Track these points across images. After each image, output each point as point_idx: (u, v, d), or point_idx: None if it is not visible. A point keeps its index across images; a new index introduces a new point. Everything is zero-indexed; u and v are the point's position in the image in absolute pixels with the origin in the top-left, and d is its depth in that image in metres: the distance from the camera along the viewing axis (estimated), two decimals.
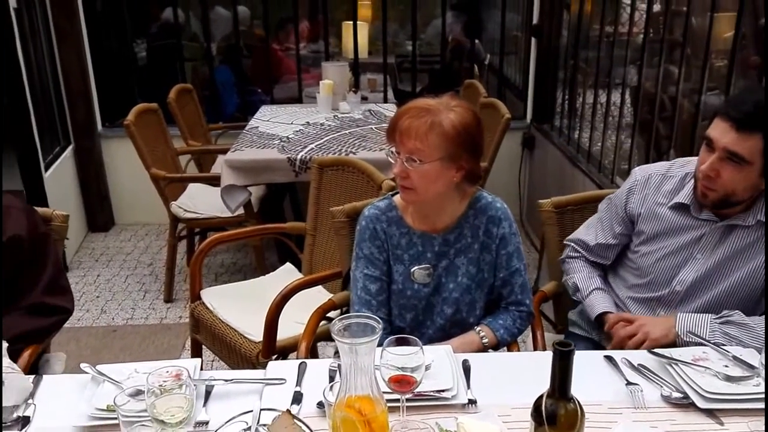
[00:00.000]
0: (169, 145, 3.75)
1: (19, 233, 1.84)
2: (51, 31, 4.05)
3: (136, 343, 3.29)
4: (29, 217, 1.91)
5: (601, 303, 1.85)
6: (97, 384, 1.52)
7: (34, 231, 1.89)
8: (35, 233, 1.89)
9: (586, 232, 1.95)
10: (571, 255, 1.97)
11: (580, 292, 1.90)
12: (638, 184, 1.83)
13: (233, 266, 4.09)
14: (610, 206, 1.91)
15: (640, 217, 1.81)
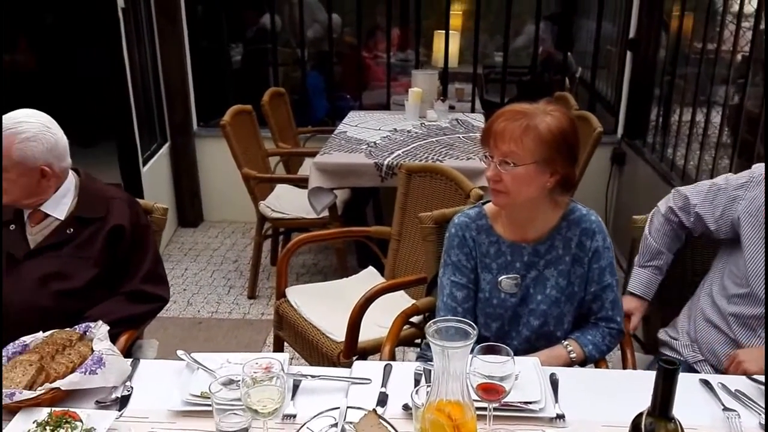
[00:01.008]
0: (261, 146, 3.88)
1: (122, 223, 1.94)
2: (154, 33, 4.27)
3: (219, 335, 3.40)
4: (132, 208, 2.02)
5: (640, 282, 1.95)
6: (191, 371, 1.58)
7: (136, 222, 1.99)
8: (137, 224, 2.00)
9: (695, 193, 1.90)
10: (669, 216, 1.93)
11: (640, 255, 1.94)
12: (753, 181, 1.76)
13: (314, 267, 4.16)
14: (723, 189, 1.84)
15: (746, 218, 1.73)
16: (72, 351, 1.55)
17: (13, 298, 1.86)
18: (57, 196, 1.92)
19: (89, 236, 1.92)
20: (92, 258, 1.91)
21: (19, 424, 1.36)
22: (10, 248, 1.91)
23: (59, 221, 1.92)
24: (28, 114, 1.86)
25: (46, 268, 1.88)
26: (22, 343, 1.58)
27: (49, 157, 1.85)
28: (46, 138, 1.84)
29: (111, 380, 1.51)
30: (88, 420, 1.36)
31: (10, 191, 1.84)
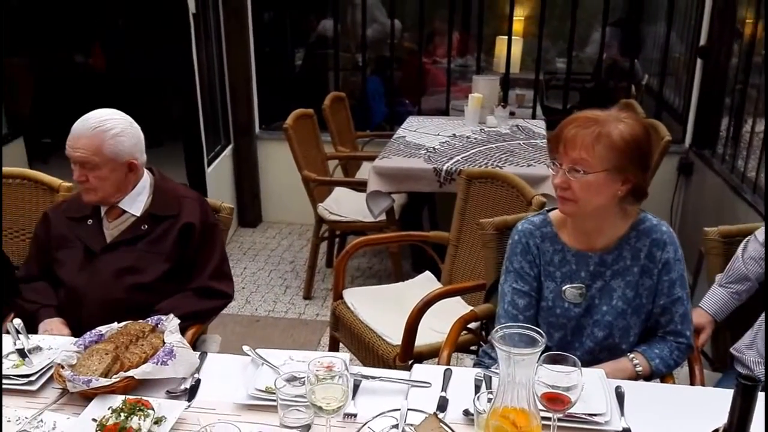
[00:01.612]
0: (320, 150, 3.94)
1: (193, 221, 2.01)
2: (222, 36, 4.39)
3: (275, 334, 3.46)
4: (202, 207, 2.09)
5: (715, 301, 1.92)
6: (256, 366, 1.62)
7: (206, 220, 2.06)
8: (206, 222, 2.06)
9: None
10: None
11: (724, 275, 1.92)
12: None
13: (369, 270, 4.19)
14: None
15: None
16: (145, 342, 1.61)
17: (90, 289, 1.95)
18: (134, 193, 2.01)
19: (162, 233, 1.99)
20: (164, 253, 1.98)
21: (95, 409, 1.42)
22: (88, 242, 1.99)
23: (135, 217, 2.00)
24: (108, 112, 1.95)
25: (120, 262, 1.96)
26: (98, 332, 1.65)
27: (135, 151, 1.96)
28: (133, 132, 1.95)
29: (181, 371, 1.56)
30: (159, 409, 1.41)
31: (102, 188, 1.94)
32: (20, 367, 1.57)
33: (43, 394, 1.52)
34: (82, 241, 2.00)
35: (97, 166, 1.90)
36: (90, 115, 1.94)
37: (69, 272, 1.99)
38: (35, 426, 1.38)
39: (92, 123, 1.90)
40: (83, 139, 1.89)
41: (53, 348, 1.66)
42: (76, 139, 1.90)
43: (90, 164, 1.90)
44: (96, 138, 1.89)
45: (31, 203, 2.52)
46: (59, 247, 2.03)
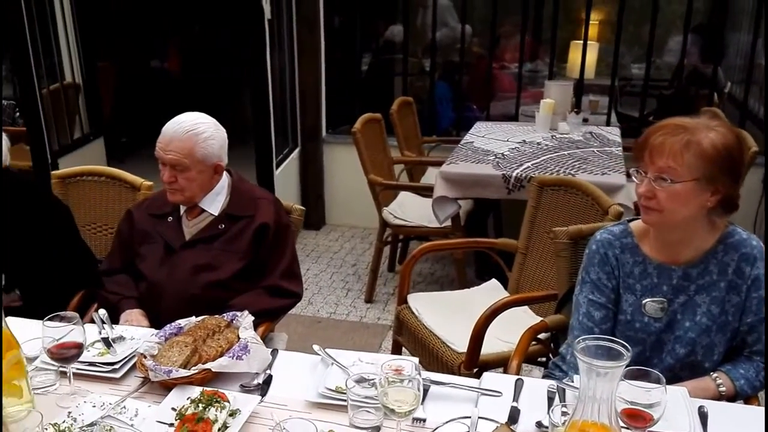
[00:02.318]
0: (387, 154, 3.95)
1: (267, 222, 2.06)
2: (294, 41, 4.48)
3: (337, 336, 3.49)
4: (276, 208, 2.13)
5: None
6: (325, 366, 1.64)
7: (279, 221, 2.10)
8: (279, 223, 2.10)
9: None
10: None
11: None
12: None
13: (431, 276, 4.18)
14: None
15: None
16: (221, 336, 1.65)
17: (169, 284, 2.01)
18: (213, 193, 2.07)
19: (238, 232, 2.05)
20: (239, 252, 2.03)
21: (175, 399, 1.47)
22: (169, 238, 2.07)
23: (213, 217, 2.07)
24: (199, 116, 2.03)
25: (198, 259, 2.03)
26: (177, 325, 1.70)
27: (221, 153, 2.04)
28: (220, 135, 2.03)
29: (254, 367, 1.60)
30: (234, 401, 1.45)
31: (189, 188, 2.01)
32: (105, 356, 1.64)
33: (126, 382, 1.59)
34: (162, 238, 2.08)
35: (187, 168, 1.97)
36: (182, 118, 2.00)
37: (150, 267, 2.07)
38: (118, 412, 1.44)
39: (185, 127, 1.97)
40: (176, 142, 1.96)
41: (135, 338, 1.72)
42: (168, 141, 1.97)
43: (180, 166, 1.97)
44: (189, 141, 1.96)
45: (114, 200, 2.63)
46: (141, 243, 2.11)
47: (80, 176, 2.66)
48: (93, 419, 1.40)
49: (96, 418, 1.40)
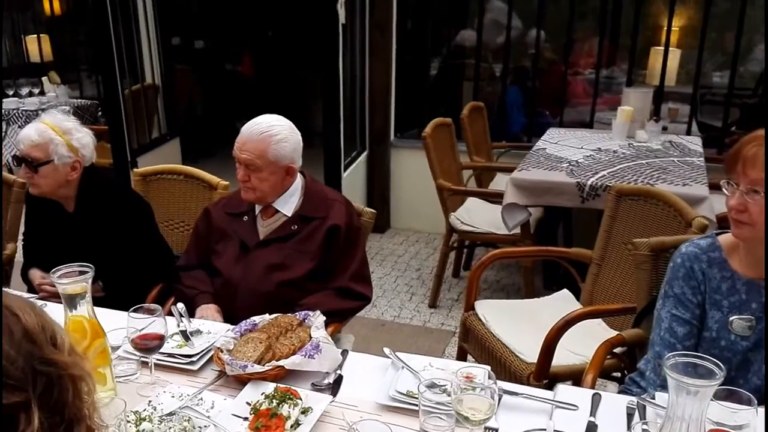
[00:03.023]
0: (456, 159, 3.93)
1: (339, 224, 2.07)
2: (366, 46, 4.52)
3: (400, 339, 3.49)
4: (348, 210, 2.15)
5: None
6: (396, 369, 1.63)
7: (350, 223, 2.12)
8: (351, 225, 2.12)
9: None
10: None
11: None
12: None
13: (496, 284, 4.12)
14: None
15: None
16: (293, 335, 1.68)
17: (243, 281, 2.06)
18: (287, 194, 2.11)
19: (310, 233, 2.08)
20: (311, 253, 2.06)
21: (249, 393, 1.50)
22: (244, 237, 2.12)
23: (286, 217, 2.10)
24: (275, 118, 2.07)
25: (271, 258, 2.06)
26: (252, 322, 1.74)
27: (294, 156, 2.06)
28: (294, 138, 2.06)
29: (325, 366, 1.61)
30: (306, 399, 1.46)
31: (261, 188, 2.05)
32: (183, 348, 1.69)
33: (202, 374, 1.63)
34: (238, 236, 2.13)
35: (259, 169, 2.02)
36: (259, 120, 2.06)
37: (225, 264, 2.12)
38: (195, 403, 1.48)
39: (260, 128, 2.02)
40: (251, 143, 2.01)
41: (212, 332, 1.77)
42: (244, 141, 2.02)
43: (253, 166, 2.01)
44: (262, 143, 2.00)
45: (192, 198, 2.72)
46: (218, 240, 2.17)
47: (160, 174, 2.76)
48: (172, 409, 1.44)
49: (174, 408, 1.44)
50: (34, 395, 0.82)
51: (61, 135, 2.19)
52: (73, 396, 0.86)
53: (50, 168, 2.17)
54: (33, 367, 0.83)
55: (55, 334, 0.88)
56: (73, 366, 0.87)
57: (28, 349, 0.83)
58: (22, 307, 0.86)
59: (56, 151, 2.17)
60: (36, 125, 2.21)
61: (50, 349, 0.86)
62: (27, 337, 0.84)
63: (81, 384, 0.88)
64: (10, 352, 0.82)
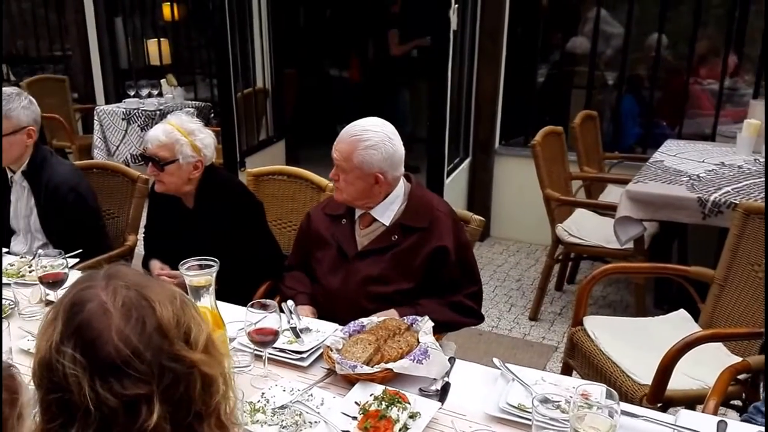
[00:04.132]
0: (565, 169, 3.82)
1: (445, 245, 2.00)
2: (475, 52, 4.48)
3: (499, 351, 3.41)
4: (455, 225, 2.07)
5: None
6: (506, 381, 1.59)
7: (458, 242, 2.05)
8: (460, 243, 2.05)
9: None
10: None
11: None
12: None
13: (602, 299, 3.96)
14: None
15: None
16: (401, 339, 1.67)
17: (340, 292, 2.05)
18: (386, 202, 2.05)
19: (411, 246, 2.01)
20: (410, 271, 2.00)
21: (358, 393, 1.51)
22: (343, 244, 2.08)
23: (384, 227, 2.05)
24: (374, 123, 2.02)
25: (368, 270, 2.02)
26: (360, 323, 1.75)
27: (384, 166, 1.98)
28: (386, 148, 1.97)
29: (433, 372, 1.60)
30: (414, 404, 1.45)
31: (346, 190, 2.03)
32: (293, 344, 1.73)
33: (311, 371, 1.66)
34: (337, 242, 2.10)
35: (345, 171, 1.99)
36: (358, 122, 2.03)
37: (323, 272, 2.12)
38: (306, 399, 1.50)
39: (354, 131, 1.99)
40: (341, 144, 2.00)
41: (320, 331, 1.80)
42: (338, 141, 2.02)
43: (341, 167, 2.00)
44: (350, 146, 1.97)
45: (300, 199, 2.79)
46: (317, 247, 2.16)
47: (271, 175, 2.85)
48: (284, 402, 1.47)
49: (286, 402, 1.47)
50: (158, 389, 0.84)
51: (185, 135, 2.30)
52: (202, 392, 0.87)
53: (175, 167, 2.29)
54: (160, 362, 0.85)
55: (190, 330, 0.89)
56: (204, 363, 0.88)
57: (158, 343, 0.85)
58: (162, 300, 0.88)
59: (181, 151, 2.27)
60: (163, 126, 2.33)
61: (181, 346, 0.87)
62: (159, 331, 0.86)
63: (212, 381, 0.88)
64: (139, 345, 0.84)
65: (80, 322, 0.85)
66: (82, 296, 0.88)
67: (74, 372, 0.82)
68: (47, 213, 2.54)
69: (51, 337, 0.85)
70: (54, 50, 7.09)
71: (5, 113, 2.41)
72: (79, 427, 0.83)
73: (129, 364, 0.83)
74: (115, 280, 0.89)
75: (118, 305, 0.86)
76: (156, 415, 0.83)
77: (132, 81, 5.96)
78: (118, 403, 0.82)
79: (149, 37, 6.31)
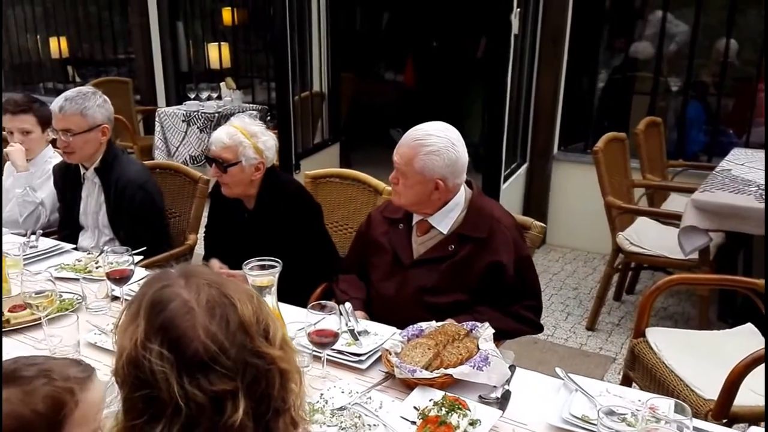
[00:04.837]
0: (627, 176, 3.72)
1: (504, 261, 1.94)
2: (535, 56, 4.41)
3: (554, 360, 3.34)
4: (515, 238, 2.01)
5: None
6: (568, 391, 1.56)
7: (518, 255, 1.99)
8: (520, 257, 1.99)
9: None
10: None
11: None
12: None
13: (663, 311, 3.83)
14: None
15: None
16: (460, 344, 1.66)
17: (394, 300, 2.03)
18: (445, 210, 2.01)
19: (468, 257, 1.96)
20: (467, 281, 1.96)
21: (417, 398, 1.50)
22: (399, 251, 2.06)
23: (442, 235, 2.00)
24: (439, 128, 1.97)
25: (424, 280, 1.99)
26: (419, 327, 1.74)
27: (445, 172, 1.94)
28: (449, 155, 1.92)
29: (494, 379, 1.57)
30: (474, 411, 1.44)
31: (404, 194, 2.00)
32: (351, 346, 1.73)
33: (369, 373, 1.66)
34: (393, 249, 2.07)
35: (405, 175, 1.96)
36: (421, 126, 1.98)
37: (378, 278, 2.11)
38: (365, 401, 1.50)
39: (416, 135, 1.95)
40: (403, 147, 1.97)
41: (378, 334, 1.80)
42: (400, 144, 1.99)
43: (401, 171, 1.97)
44: (412, 150, 1.93)
45: (356, 201, 2.80)
46: (373, 252, 2.15)
47: (329, 177, 2.87)
48: (342, 404, 1.48)
49: (345, 404, 1.47)
50: (242, 385, 0.86)
51: (248, 138, 2.33)
52: (280, 388, 0.89)
53: (237, 168, 2.32)
54: (244, 358, 0.87)
55: (268, 326, 0.91)
56: (281, 360, 0.90)
57: (241, 340, 0.87)
58: (242, 297, 0.91)
59: (244, 153, 2.31)
60: (227, 128, 2.36)
61: (261, 342, 0.89)
62: (242, 328, 0.88)
63: (288, 377, 0.91)
64: (224, 342, 0.86)
65: (164, 320, 0.87)
66: (162, 295, 0.90)
67: (162, 368, 0.84)
68: (116, 209, 2.62)
69: (134, 335, 0.87)
70: (118, 53, 7.32)
71: (82, 111, 2.51)
72: (165, 423, 0.85)
73: (216, 360, 0.85)
74: (194, 278, 0.91)
75: (203, 303, 0.88)
76: (241, 410, 0.84)
77: (192, 84, 6.10)
78: (205, 399, 0.84)
79: (209, 40, 6.45)
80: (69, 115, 2.49)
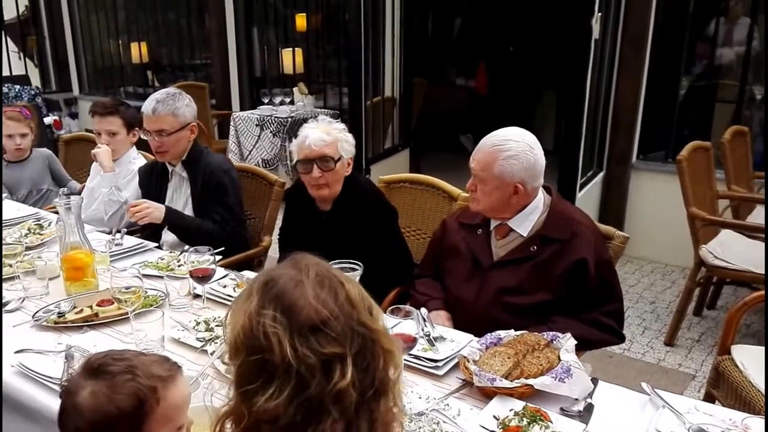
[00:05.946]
0: (711, 186, 3.56)
1: (586, 258, 1.92)
2: (615, 62, 4.29)
3: (630, 375, 3.23)
4: (596, 240, 1.99)
5: None
6: (655, 407, 1.50)
7: (600, 257, 1.96)
8: (600, 260, 1.96)
9: None
10: None
11: None
12: None
13: (746, 328, 3.64)
14: None
15: None
16: (541, 354, 1.62)
17: (473, 303, 2.01)
18: (524, 213, 2.00)
19: (550, 257, 1.95)
20: (549, 282, 1.94)
21: (497, 407, 1.48)
22: (478, 254, 2.05)
23: (522, 238, 1.99)
24: (516, 133, 1.97)
25: (505, 281, 1.98)
26: (497, 335, 1.71)
27: (524, 176, 1.94)
28: (527, 158, 1.93)
29: (575, 392, 1.53)
30: (556, 424, 1.40)
31: (482, 200, 1.99)
32: (427, 352, 1.72)
33: (446, 380, 1.64)
34: (471, 253, 2.06)
35: (484, 181, 1.96)
36: (498, 132, 1.99)
37: (456, 282, 2.09)
38: (443, 408, 1.49)
39: (494, 140, 1.95)
40: (480, 153, 1.97)
41: (455, 341, 1.78)
42: (477, 150, 1.99)
43: (479, 177, 1.97)
44: (490, 155, 1.93)
45: (430, 207, 2.79)
46: (449, 257, 2.14)
47: (402, 183, 2.87)
48: (420, 409, 1.47)
49: (423, 409, 1.46)
50: (350, 352, 0.91)
51: (341, 133, 2.37)
52: (383, 366, 0.94)
53: (340, 164, 2.34)
54: (351, 326, 0.92)
55: (372, 306, 0.97)
56: (384, 337, 0.95)
57: (348, 311, 0.93)
58: (348, 279, 0.98)
59: (343, 148, 2.35)
60: (315, 129, 2.35)
61: (366, 315, 0.95)
62: (348, 301, 0.94)
63: (390, 358, 0.95)
64: (334, 308, 0.92)
65: (277, 292, 0.93)
66: (272, 274, 0.96)
67: (275, 330, 0.89)
68: (202, 197, 2.68)
69: (248, 308, 0.93)
70: (195, 59, 7.56)
71: (173, 111, 2.61)
72: (277, 386, 0.89)
73: (326, 324, 0.90)
74: (302, 261, 0.97)
75: (312, 277, 0.94)
76: (348, 377, 0.88)
77: (266, 89, 6.23)
78: (316, 360, 0.89)
79: (282, 46, 6.58)
80: (162, 116, 2.59)
